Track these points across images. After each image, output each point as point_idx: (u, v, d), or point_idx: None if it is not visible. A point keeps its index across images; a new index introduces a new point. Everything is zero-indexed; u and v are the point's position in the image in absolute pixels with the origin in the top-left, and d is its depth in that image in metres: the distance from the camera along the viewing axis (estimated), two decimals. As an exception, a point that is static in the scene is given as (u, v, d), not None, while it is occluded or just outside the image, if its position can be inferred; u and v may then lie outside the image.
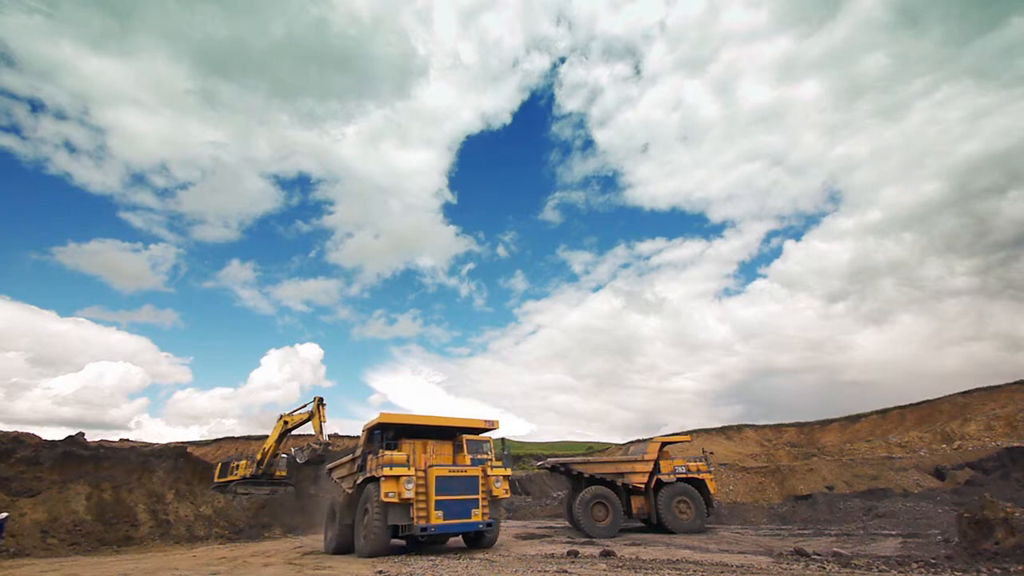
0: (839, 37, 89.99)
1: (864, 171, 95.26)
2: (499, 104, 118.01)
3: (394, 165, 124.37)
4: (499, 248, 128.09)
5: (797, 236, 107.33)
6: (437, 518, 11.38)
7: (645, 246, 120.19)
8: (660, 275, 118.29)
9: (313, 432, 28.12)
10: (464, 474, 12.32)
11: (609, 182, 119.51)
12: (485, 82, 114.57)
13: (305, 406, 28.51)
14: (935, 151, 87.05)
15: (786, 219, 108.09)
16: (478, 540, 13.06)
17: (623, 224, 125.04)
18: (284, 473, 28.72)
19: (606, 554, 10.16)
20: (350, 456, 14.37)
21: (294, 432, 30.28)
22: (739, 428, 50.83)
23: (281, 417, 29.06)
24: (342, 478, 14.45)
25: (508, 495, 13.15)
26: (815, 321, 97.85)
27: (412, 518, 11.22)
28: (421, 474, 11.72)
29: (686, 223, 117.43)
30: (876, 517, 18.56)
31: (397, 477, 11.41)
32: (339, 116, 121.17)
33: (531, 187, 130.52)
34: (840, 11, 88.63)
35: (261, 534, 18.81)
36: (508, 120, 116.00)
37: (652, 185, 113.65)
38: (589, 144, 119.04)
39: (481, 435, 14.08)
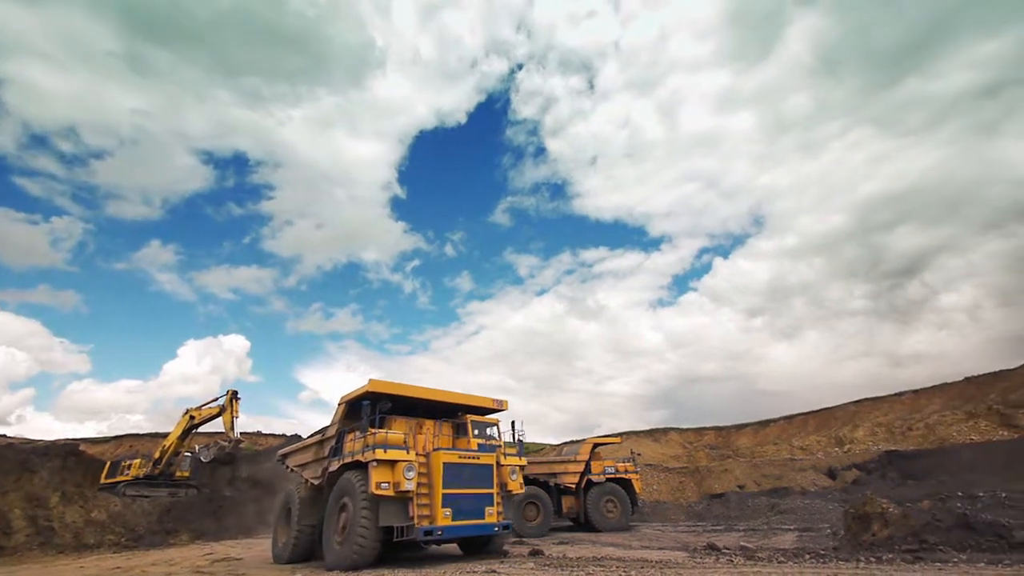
0: (770, 76, 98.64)
1: (784, 200, 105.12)
2: (455, 103, 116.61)
3: (342, 154, 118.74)
4: (447, 247, 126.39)
5: (725, 254, 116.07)
6: (445, 518, 8.92)
7: (589, 254, 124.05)
8: (601, 283, 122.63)
9: (223, 429, 25.69)
10: (477, 462, 9.87)
11: (558, 190, 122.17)
12: (442, 79, 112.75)
13: (216, 400, 26.00)
14: (843, 187, 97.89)
15: (716, 238, 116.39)
16: (484, 546, 10.67)
17: (569, 232, 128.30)
18: (186, 474, 26.00)
19: (535, 553, 10.33)
20: (317, 437, 11.65)
21: (204, 429, 27.72)
22: (665, 431, 53.80)
23: (187, 411, 26.25)
24: (303, 466, 12.01)
25: (523, 490, 11.00)
26: (736, 334, 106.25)
27: (412, 517, 8.77)
28: (423, 460, 9.41)
29: (628, 235, 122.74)
30: (778, 513, 20.38)
31: (393, 463, 8.93)
32: (287, 99, 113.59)
33: (483, 189, 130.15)
34: (772, 53, 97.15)
35: (165, 541, 17.17)
36: (463, 120, 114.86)
37: (598, 197, 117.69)
38: (541, 152, 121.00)
39: (487, 416, 11.69)
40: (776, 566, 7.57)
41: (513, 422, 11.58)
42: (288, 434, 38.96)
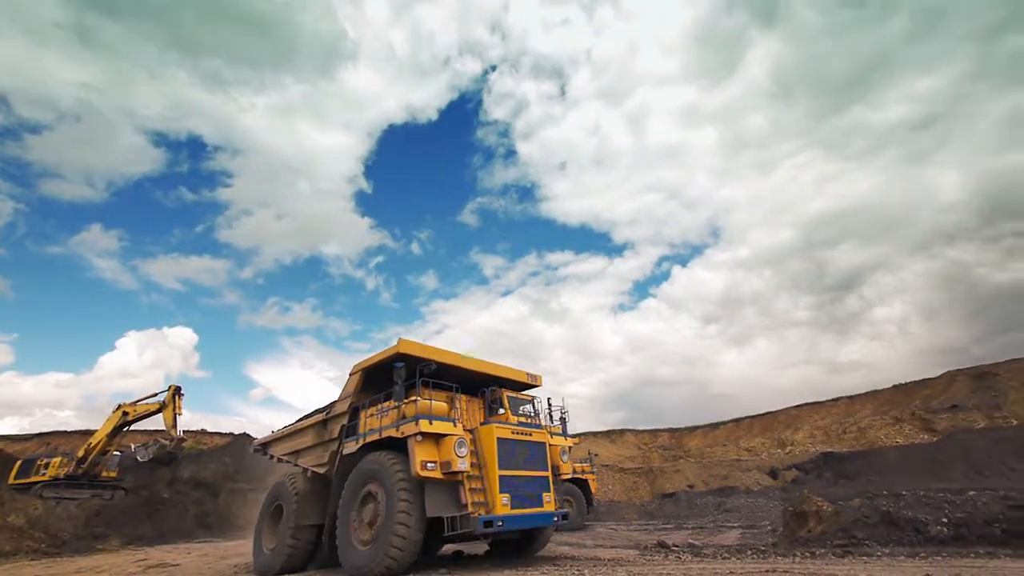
0: (732, 95, 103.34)
1: (740, 213, 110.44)
2: (427, 99, 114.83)
3: (307, 144, 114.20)
4: (413, 245, 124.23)
5: (684, 263, 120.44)
6: (503, 505, 7.43)
7: (555, 257, 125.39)
8: (566, 286, 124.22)
9: (164, 427, 23.98)
10: (531, 439, 8.56)
11: (527, 193, 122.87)
12: (414, 75, 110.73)
13: (155, 395, 24.22)
14: (792, 205, 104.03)
15: (676, 247, 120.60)
16: (526, 542, 9.37)
17: (536, 234, 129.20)
18: (113, 474, 24.01)
19: (490, 554, 10.31)
20: (318, 416, 9.81)
21: (142, 427, 25.85)
22: (621, 432, 55.16)
23: (120, 407, 24.06)
24: (297, 453, 10.25)
25: (571, 475, 9.53)
26: (692, 340, 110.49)
27: (465, 505, 7.25)
28: (469, 436, 7.92)
29: (592, 240, 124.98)
30: (724, 512, 21.33)
31: (438, 437, 7.44)
32: (251, 84, 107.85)
33: (452, 188, 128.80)
34: (735, 73, 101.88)
35: (93, 547, 15.95)
36: (435, 117, 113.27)
37: (566, 201, 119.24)
38: (512, 154, 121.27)
39: (521, 392, 10.20)
40: (720, 562, 7.92)
41: (549, 399, 10.17)
42: (236, 433, 37.06)
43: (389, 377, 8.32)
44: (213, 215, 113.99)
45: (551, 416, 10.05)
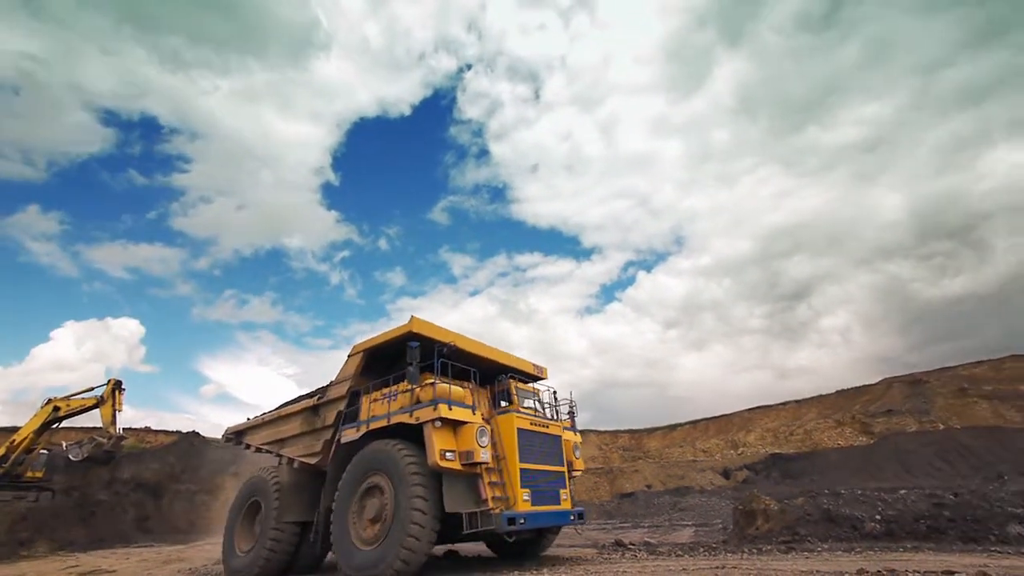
0: (698, 109, 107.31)
1: (702, 223, 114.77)
2: (400, 94, 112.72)
3: (272, 132, 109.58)
4: (381, 241, 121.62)
5: (648, 268, 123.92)
6: (524, 501, 6.91)
7: (524, 259, 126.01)
8: (534, 288, 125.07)
9: (101, 423, 22.27)
10: (547, 431, 8.12)
11: (498, 193, 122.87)
12: (388, 69, 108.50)
13: (92, 389, 22.43)
14: (751, 217, 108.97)
15: (641, 253, 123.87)
16: (530, 543, 8.74)
17: (506, 235, 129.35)
18: (39, 474, 21.87)
19: (450, 555, 10.25)
20: (307, 402, 9.09)
21: (77, 423, 23.89)
22: (584, 433, 56.09)
23: (50, 401, 22.08)
24: (281, 442, 9.39)
25: (584, 469, 9.26)
26: (654, 343, 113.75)
27: (485, 500, 6.63)
28: (485, 426, 7.26)
29: (561, 243, 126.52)
30: (679, 511, 22.04)
31: (457, 425, 6.92)
32: (213, 66, 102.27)
33: (423, 185, 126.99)
34: (701, 88, 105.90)
35: (17, 552, 14.74)
36: (408, 112, 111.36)
37: (537, 204, 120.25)
38: (484, 154, 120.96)
39: (527, 384, 9.57)
40: (674, 560, 8.17)
41: (555, 391, 9.55)
42: (184, 431, 35.12)
43: (392, 360, 7.73)
44: (167, 201, 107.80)
45: (557, 411, 9.42)
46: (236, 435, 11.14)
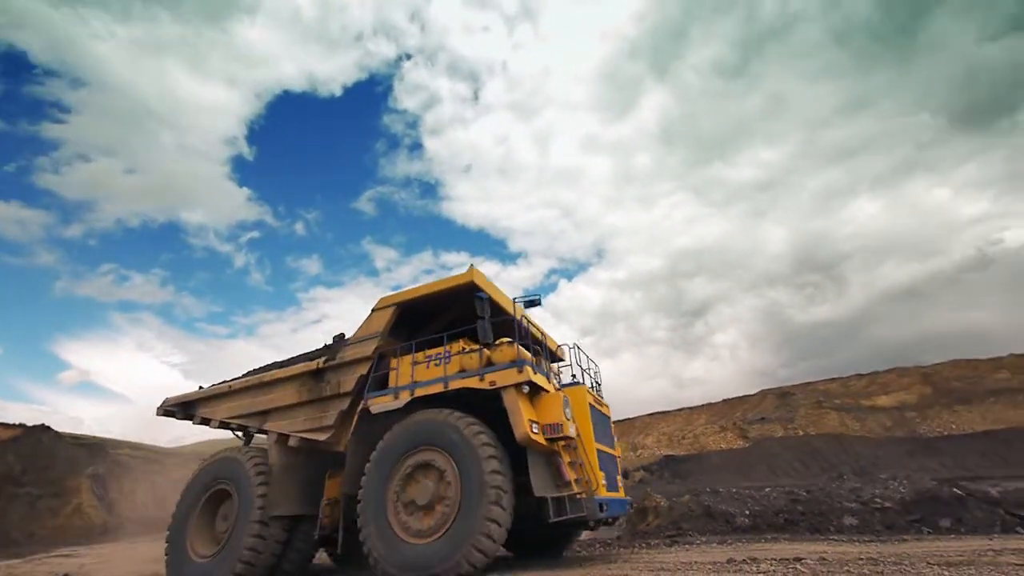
0: (626, 133, 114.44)
1: (621, 239, 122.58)
2: (331, 73, 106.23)
3: (178, 91, 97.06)
4: (298, 225, 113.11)
5: (569, 277, 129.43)
6: (602, 486, 6.20)
7: (450, 257, 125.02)
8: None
9: None
10: (604, 410, 7.53)
11: (430, 189, 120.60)
12: (321, 44, 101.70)
13: None
14: (663, 238, 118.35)
15: (564, 262, 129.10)
16: (552, 539, 7.73)
17: (433, 232, 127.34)
18: None
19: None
20: (307, 364, 7.60)
21: None
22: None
23: None
24: (265, 415, 7.81)
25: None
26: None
27: (569, 483, 5.72)
28: (568, 396, 6.43)
29: (489, 245, 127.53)
30: (580, 509, 23.12)
31: (535, 394, 6.09)
32: (110, 8, 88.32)
33: (349, 171, 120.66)
34: (630, 112, 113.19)
35: None
36: (339, 92, 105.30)
37: (468, 204, 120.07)
38: (418, 147, 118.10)
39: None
40: (572, 555, 8.56)
41: (573, 374, 8.32)
42: (30, 424, 29.56)
43: (423, 320, 6.90)
44: (33, 153, 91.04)
45: (600, 391, 8.30)
46: (181, 407, 9.02)
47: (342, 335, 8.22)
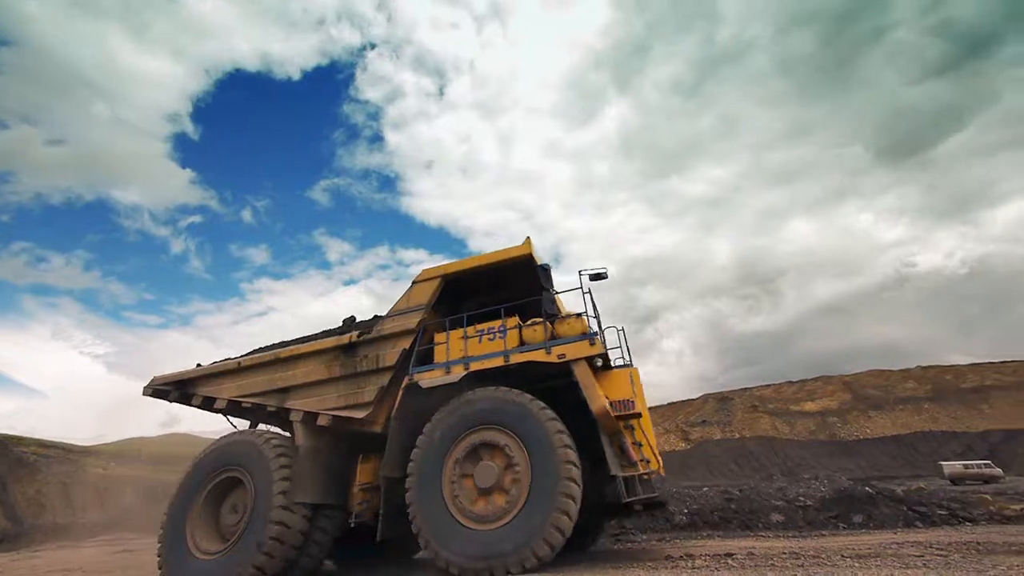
0: (587, 141, 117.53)
1: (578, 244, 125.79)
2: (290, 55, 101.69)
3: (117, 59, 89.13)
4: (245, 212, 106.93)
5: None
6: (662, 468, 5.94)
7: (408, 254, 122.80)
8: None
9: None
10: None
11: (389, 183, 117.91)
12: (280, 24, 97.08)
13: None
14: (619, 245, 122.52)
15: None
16: (584, 532, 7.22)
17: (391, 227, 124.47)
18: None
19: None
20: (334, 340, 7.09)
21: None
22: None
23: None
24: (285, 392, 7.16)
25: None
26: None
27: (636, 463, 5.59)
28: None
29: (448, 243, 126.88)
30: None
31: (605, 368, 5.96)
32: None
33: (304, 159, 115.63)
34: (592, 122, 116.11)
35: None
36: (297, 76, 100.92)
37: (428, 200, 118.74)
38: (378, 139, 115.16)
39: None
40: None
41: (620, 355, 8.39)
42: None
43: (466, 294, 6.74)
44: (-73, 111, 79.97)
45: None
46: (176, 386, 8.00)
47: (352, 318, 7.93)
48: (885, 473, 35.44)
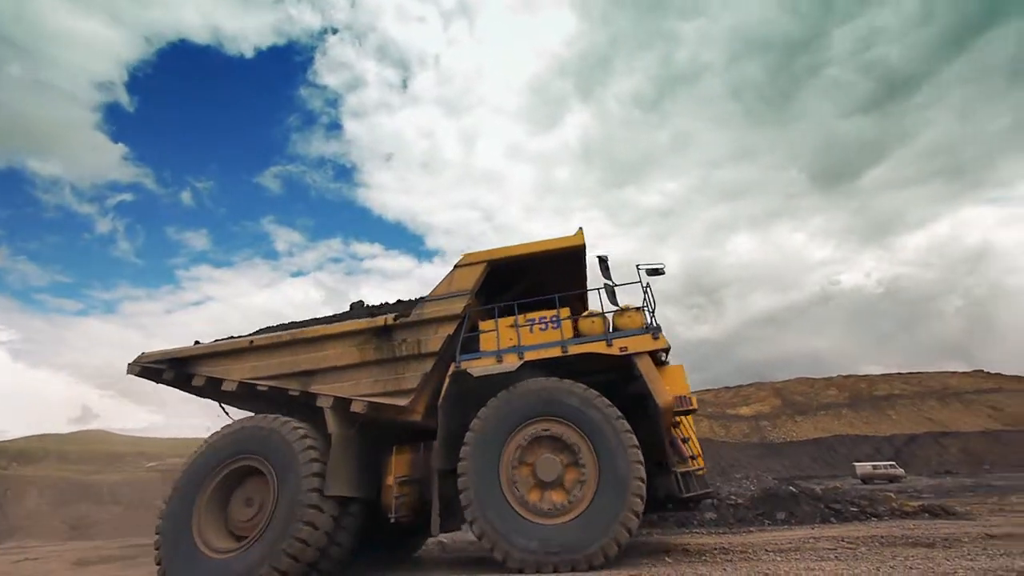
0: (549, 147, 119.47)
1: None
2: (244, 31, 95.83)
3: (44, 17, 79.80)
4: (185, 194, 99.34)
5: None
6: (705, 466, 6.24)
7: (362, 247, 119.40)
8: (368, 279, 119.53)
9: None
10: None
11: (346, 173, 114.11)
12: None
13: None
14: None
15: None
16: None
17: (346, 219, 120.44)
18: None
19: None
20: (367, 322, 6.55)
21: None
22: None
23: None
24: (310, 375, 6.57)
25: None
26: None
27: (686, 459, 5.93)
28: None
29: (405, 240, 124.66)
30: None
31: (663, 362, 5.95)
32: None
33: (255, 142, 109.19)
34: (555, 129, 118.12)
35: None
36: (250, 54, 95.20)
37: (386, 193, 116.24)
38: (337, 127, 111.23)
39: None
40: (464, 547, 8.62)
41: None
42: None
43: (509, 281, 6.71)
44: None
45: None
46: (171, 364, 7.08)
47: (361, 302, 7.57)
48: (807, 473, 38.44)
